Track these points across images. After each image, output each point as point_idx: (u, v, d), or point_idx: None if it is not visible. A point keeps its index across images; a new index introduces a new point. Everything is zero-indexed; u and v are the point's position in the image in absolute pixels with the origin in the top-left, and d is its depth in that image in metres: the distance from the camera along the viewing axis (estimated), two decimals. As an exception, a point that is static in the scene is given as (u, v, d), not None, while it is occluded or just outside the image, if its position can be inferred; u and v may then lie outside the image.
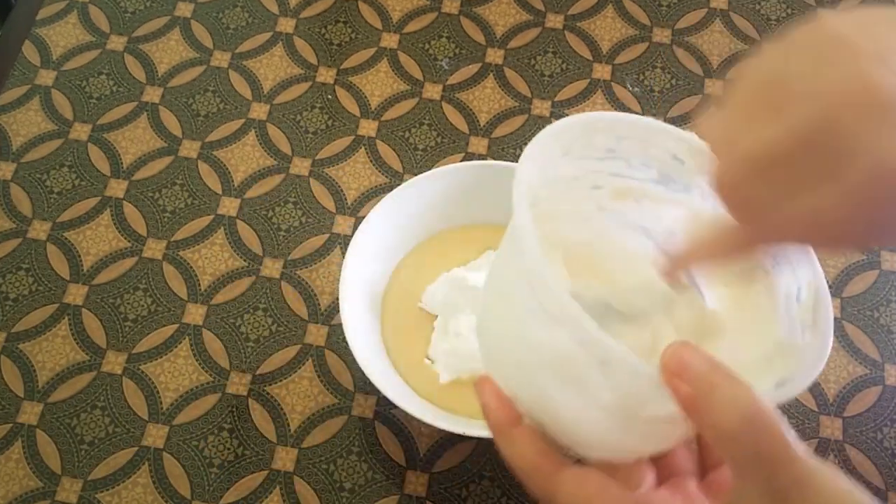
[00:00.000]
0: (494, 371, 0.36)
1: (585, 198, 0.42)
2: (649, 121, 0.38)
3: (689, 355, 0.30)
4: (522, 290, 0.34)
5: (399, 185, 0.63)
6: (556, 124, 0.36)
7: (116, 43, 0.79)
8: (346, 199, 0.72)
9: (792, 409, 0.64)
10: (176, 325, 0.67)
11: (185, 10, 0.81)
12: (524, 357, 0.34)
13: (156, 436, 0.63)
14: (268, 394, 0.64)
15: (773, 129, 0.31)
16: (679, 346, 0.30)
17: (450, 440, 0.63)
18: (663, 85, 0.77)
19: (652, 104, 0.76)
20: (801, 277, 0.37)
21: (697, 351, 0.30)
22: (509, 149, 0.74)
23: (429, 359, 0.62)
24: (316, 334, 0.66)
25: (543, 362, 0.33)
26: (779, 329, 0.37)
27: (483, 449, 0.63)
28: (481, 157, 0.74)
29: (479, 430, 0.56)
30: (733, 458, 0.30)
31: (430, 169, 0.66)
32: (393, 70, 0.78)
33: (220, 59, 0.79)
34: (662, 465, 0.36)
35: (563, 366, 0.32)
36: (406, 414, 0.59)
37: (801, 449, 0.30)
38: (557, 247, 0.42)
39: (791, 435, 0.29)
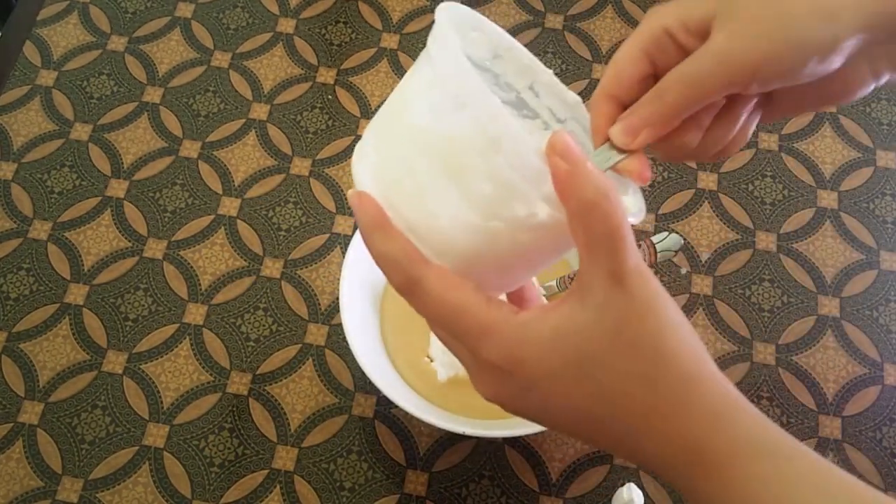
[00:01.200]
0: (374, 173, 0.37)
1: None
2: (530, 56, 0.42)
3: (571, 141, 0.33)
4: (424, 85, 0.35)
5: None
6: (459, 13, 0.39)
7: (117, 43, 0.80)
8: (346, 199, 0.72)
9: (791, 409, 0.64)
10: (176, 325, 0.67)
11: (185, 10, 0.81)
12: (409, 149, 0.35)
13: (156, 435, 0.63)
14: (268, 393, 0.64)
15: None
16: (565, 132, 0.33)
17: (450, 440, 0.63)
18: (663, 85, 0.77)
19: (651, 104, 0.76)
20: None
21: (578, 142, 0.33)
22: (509, 149, 0.74)
23: (428, 357, 0.63)
24: (316, 334, 0.67)
25: (430, 150, 0.34)
26: None
27: (483, 448, 0.63)
28: (481, 157, 0.74)
29: (479, 429, 0.56)
30: (587, 233, 0.33)
31: (429, 169, 0.66)
32: (393, 70, 0.78)
33: (221, 59, 0.79)
34: (514, 299, 0.40)
35: (450, 152, 0.34)
36: (406, 413, 0.60)
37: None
38: None
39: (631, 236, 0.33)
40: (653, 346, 0.33)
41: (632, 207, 0.38)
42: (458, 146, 0.34)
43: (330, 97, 0.77)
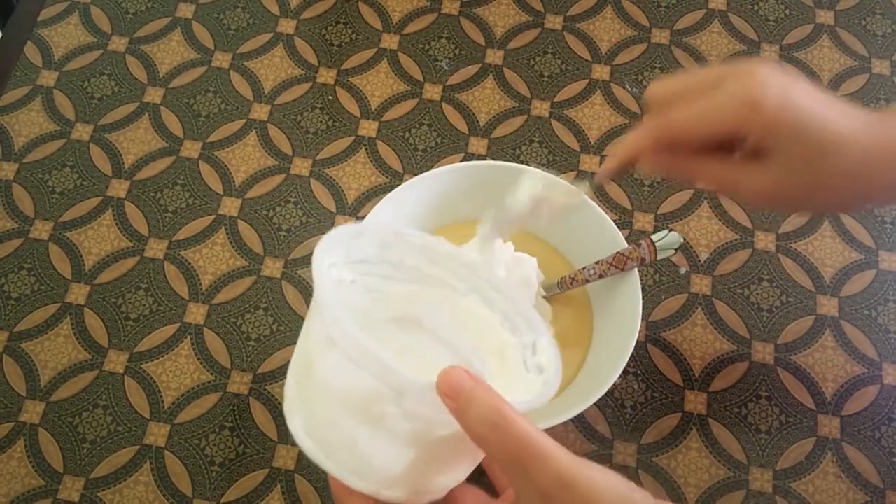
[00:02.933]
0: (307, 431, 0.40)
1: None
2: (420, 235, 0.47)
3: (456, 374, 0.35)
4: (322, 342, 0.39)
5: (399, 185, 0.63)
6: (332, 237, 0.42)
7: (118, 44, 0.80)
8: (346, 199, 0.72)
9: (790, 408, 0.64)
10: (177, 325, 0.67)
11: (186, 11, 0.81)
12: (330, 408, 0.39)
13: (157, 434, 0.63)
14: (269, 392, 0.65)
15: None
16: (449, 368, 0.35)
17: (450, 439, 0.63)
18: (662, 85, 0.77)
19: (651, 104, 0.76)
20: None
21: (465, 372, 0.35)
22: (509, 149, 0.74)
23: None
24: (316, 333, 0.67)
25: (349, 407, 0.38)
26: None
27: (483, 447, 0.63)
28: (481, 157, 0.74)
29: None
30: (499, 463, 0.35)
31: (430, 169, 0.66)
32: (393, 71, 0.78)
33: (221, 59, 0.79)
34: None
35: (365, 406, 0.37)
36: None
37: (552, 447, 0.34)
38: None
39: (541, 436, 0.34)
40: None
41: (544, 398, 0.40)
42: (369, 398, 0.37)
43: (330, 97, 0.77)
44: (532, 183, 0.52)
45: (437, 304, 0.48)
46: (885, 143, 0.46)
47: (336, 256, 0.44)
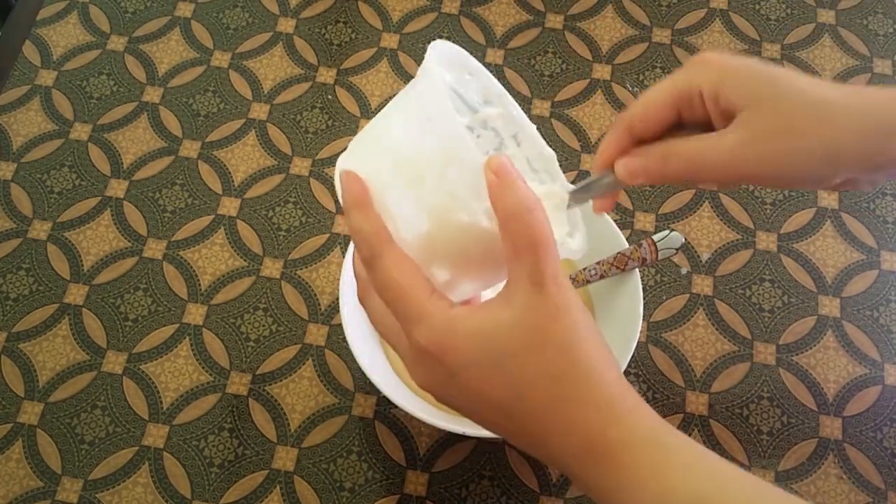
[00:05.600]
0: (354, 164, 0.41)
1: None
2: (517, 108, 0.45)
3: (506, 161, 0.36)
4: (409, 105, 0.40)
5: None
6: (456, 54, 0.42)
7: (117, 43, 0.79)
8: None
9: (792, 409, 0.64)
10: (176, 325, 0.67)
11: (185, 10, 0.81)
12: (380, 158, 0.40)
13: (156, 436, 0.63)
14: (268, 393, 0.64)
15: None
16: (501, 155, 0.37)
17: (450, 440, 0.63)
18: (663, 85, 0.77)
19: (652, 104, 0.76)
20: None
21: (513, 165, 0.37)
22: (509, 149, 0.74)
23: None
24: (316, 334, 0.66)
25: (396, 160, 0.39)
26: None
27: (483, 449, 0.63)
28: (481, 157, 0.74)
29: (479, 429, 0.56)
30: (512, 240, 0.36)
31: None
32: (393, 70, 0.78)
33: (221, 59, 0.79)
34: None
35: (410, 163, 0.38)
36: (406, 414, 0.60)
37: (556, 257, 0.37)
38: None
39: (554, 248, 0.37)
40: (561, 345, 0.36)
41: (573, 245, 0.42)
42: (417, 158, 0.38)
43: (330, 97, 0.77)
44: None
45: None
46: (861, 92, 0.44)
47: (448, 74, 0.43)
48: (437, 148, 0.37)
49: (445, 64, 0.42)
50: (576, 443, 0.37)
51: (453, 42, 0.42)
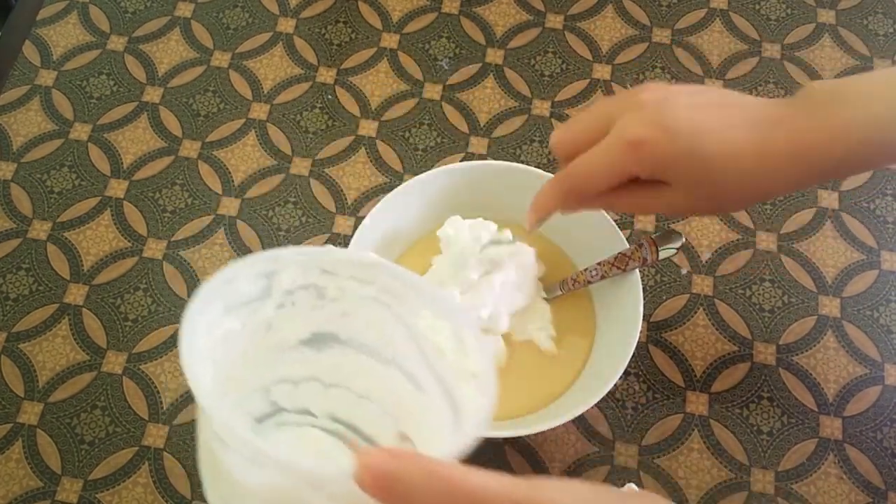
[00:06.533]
0: None
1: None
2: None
3: (375, 463, 0.31)
4: (217, 443, 0.35)
5: (399, 185, 0.63)
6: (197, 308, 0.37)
7: (117, 43, 0.79)
8: (346, 199, 0.72)
9: (792, 409, 0.64)
10: (176, 325, 0.67)
11: (185, 10, 0.81)
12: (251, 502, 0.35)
13: (156, 436, 0.63)
14: (268, 394, 0.64)
15: None
16: (363, 456, 0.32)
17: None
18: (663, 85, 0.77)
19: (652, 104, 0.76)
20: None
21: (383, 453, 0.32)
22: (509, 149, 0.74)
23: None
24: (316, 334, 0.66)
25: (266, 500, 0.34)
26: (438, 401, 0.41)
27: (483, 448, 0.62)
28: (481, 157, 0.74)
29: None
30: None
31: (430, 169, 0.66)
32: (393, 70, 0.78)
33: (221, 59, 0.79)
34: None
35: (284, 498, 0.33)
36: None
37: (491, 482, 0.32)
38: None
39: (475, 476, 0.32)
40: None
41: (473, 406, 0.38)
42: (287, 491, 0.33)
43: (330, 97, 0.77)
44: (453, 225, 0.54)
45: (348, 315, 0.43)
46: (775, 144, 0.47)
47: (212, 312, 0.39)
48: (289, 479, 0.33)
49: (201, 319, 0.37)
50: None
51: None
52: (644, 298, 0.59)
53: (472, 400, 0.39)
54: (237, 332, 0.41)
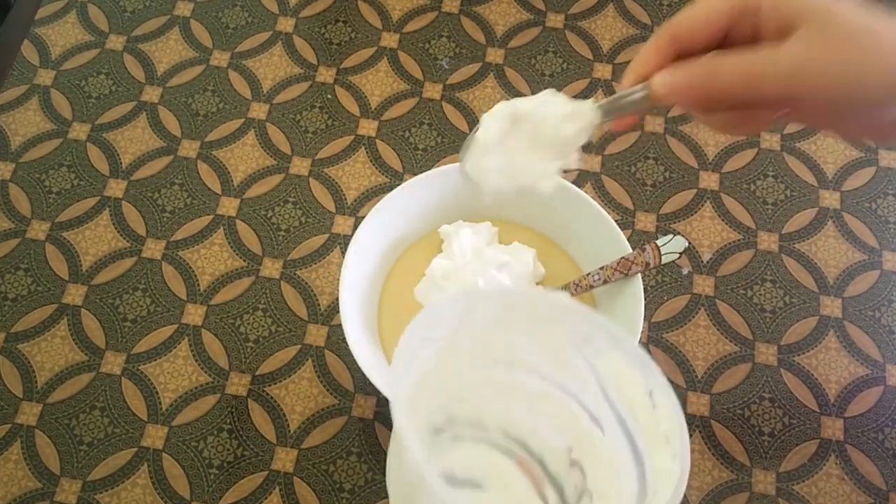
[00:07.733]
0: None
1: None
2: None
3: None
4: (415, 479, 0.35)
5: (399, 185, 0.63)
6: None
7: (115, 42, 0.79)
8: (346, 199, 0.72)
9: (793, 410, 0.63)
10: (175, 326, 0.66)
11: (184, 9, 0.81)
12: None
13: (155, 436, 0.63)
14: (267, 394, 0.64)
15: None
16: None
17: (450, 441, 0.63)
18: (664, 84, 0.77)
19: (653, 104, 0.76)
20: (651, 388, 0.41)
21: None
22: (510, 148, 0.74)
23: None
24: (316, 334, 0.66)
25: None
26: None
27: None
28: (481, 156, 0.73)
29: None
30: None
31: (430, 169, 0.66)
32: (393, 69, 0.78)
33: (220, 58, 0.78)
34: None
35: None
36: (406, 415, 0.59)
37: None
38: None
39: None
40: None
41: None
42: None
43: (329, 96, 0.76)
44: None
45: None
46: None
47: (415, 341, 0.39)
48: None
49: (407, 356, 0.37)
50: None
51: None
52: (645, 299, 0.59)
53: (665, 465, 0.37)
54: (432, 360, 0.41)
